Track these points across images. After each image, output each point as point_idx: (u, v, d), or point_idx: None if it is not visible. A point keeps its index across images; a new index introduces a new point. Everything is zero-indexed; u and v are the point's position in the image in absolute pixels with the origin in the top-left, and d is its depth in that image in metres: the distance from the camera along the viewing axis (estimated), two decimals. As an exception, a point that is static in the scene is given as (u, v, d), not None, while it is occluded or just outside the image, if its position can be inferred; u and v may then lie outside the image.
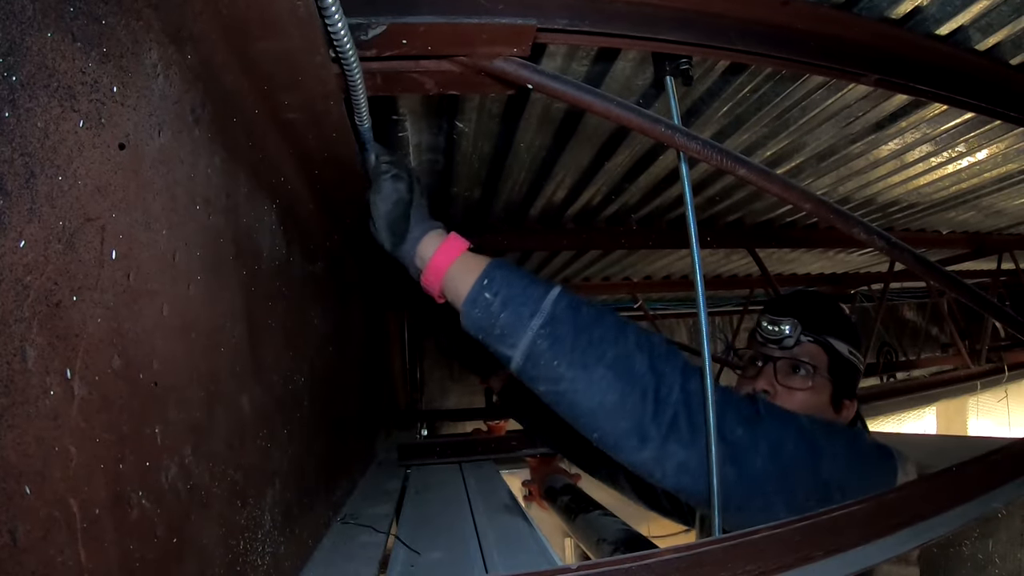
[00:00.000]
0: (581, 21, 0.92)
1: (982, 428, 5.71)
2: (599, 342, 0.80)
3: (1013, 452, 0.98)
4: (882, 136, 1.91)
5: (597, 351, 0.79)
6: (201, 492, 0.60)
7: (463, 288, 0.82)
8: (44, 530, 0.37)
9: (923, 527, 0.80)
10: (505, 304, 0.80)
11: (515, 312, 0.79)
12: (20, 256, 0.36)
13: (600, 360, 0.79)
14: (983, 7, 1.20)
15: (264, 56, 0.71)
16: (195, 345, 0.61)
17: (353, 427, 1.64)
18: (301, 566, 0.96)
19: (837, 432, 0.92)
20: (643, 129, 0.92)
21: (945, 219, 3.17)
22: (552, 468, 2.34)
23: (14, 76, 0.37)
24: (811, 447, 0.85)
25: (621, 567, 0.66)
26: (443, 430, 4.61)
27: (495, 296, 0.80)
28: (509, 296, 0.80)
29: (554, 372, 0.78)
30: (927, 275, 1.04)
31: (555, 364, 0.78)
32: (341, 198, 1.26)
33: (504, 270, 0.83)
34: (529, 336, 0.78)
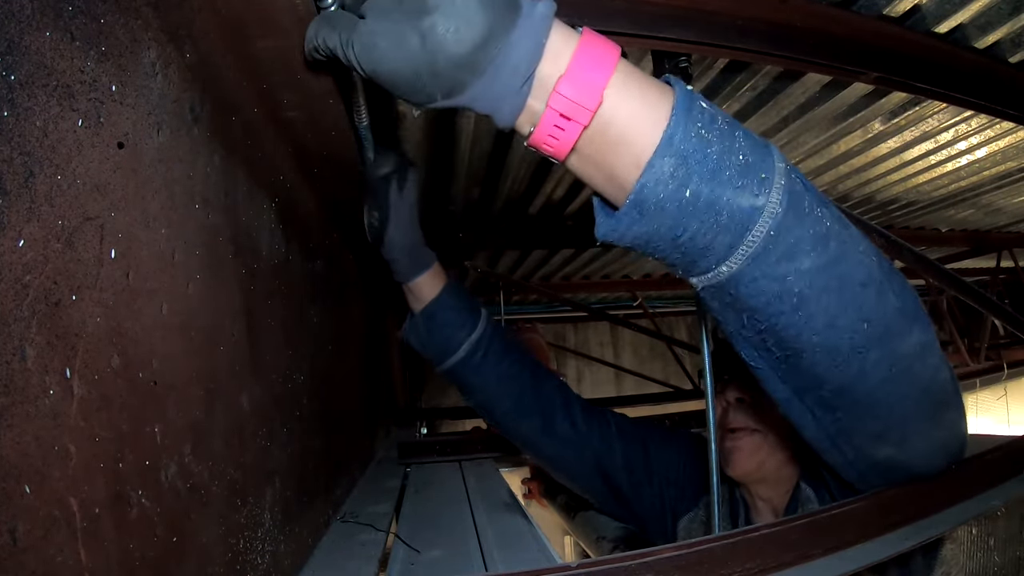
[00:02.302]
0: (580, 19, 0.92)
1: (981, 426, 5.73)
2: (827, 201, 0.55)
3: (1012, 450, 0.98)
4: (881, 134, 1.92)
5: (830, 202, 0.55)
6: (201, 491, 0.60)
7: (659, 104, 0.46)
8: (44, 529, 0.37)
9: (923, 525, 0.80)
10: (733, 123, 0.48)
11: (751, 135, 0.49)
12: (19, 255, 0.36)
13: (844, 213, 0.56)
14: (981, 5, 1.20)
15: (263, 55, 0.71)
16: (194, 344, 0.61)
17: (353, 425, 1.64)
18: (301, 564, 0.96)
19: None
20: (642, 127, 0.92)
21: (944, 217, 3.18)
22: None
23: (13, 75, 0.36)
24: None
25: (621, 565, 0.67)
26: (443, 428, 4.61)
27: (719, 116, 0.47)
28: (730, 119, 0.49)
29: (820, 225, 0.51)
30: (926, 273, 1.05)
31: (819, 213, 0.51)
32: (340, 196, 1.26)
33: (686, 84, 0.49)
34: (782, 168, 0.48)
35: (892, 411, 0.66)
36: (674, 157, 0.44)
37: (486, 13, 0.41)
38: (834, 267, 0.51)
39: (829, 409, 0.65)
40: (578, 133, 0.46)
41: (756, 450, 1.00)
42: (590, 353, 5.11)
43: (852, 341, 0.55)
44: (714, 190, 0.44)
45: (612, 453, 1.19)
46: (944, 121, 1.86)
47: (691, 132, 0.44)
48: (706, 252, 0.48)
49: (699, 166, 0.44)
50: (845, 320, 0.53)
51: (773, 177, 0.47)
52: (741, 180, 0.45)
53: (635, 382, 4.96)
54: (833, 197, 2.50)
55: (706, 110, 0.46)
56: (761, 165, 0.47)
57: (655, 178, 0.44)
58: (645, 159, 0.44)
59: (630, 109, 0.45)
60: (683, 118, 0.44)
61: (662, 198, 0.44)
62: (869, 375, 0.59)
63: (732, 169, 0.45)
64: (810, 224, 0.49)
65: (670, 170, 0.44)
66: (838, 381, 0.60)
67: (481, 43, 0.42)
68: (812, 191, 0.52)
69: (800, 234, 0.48)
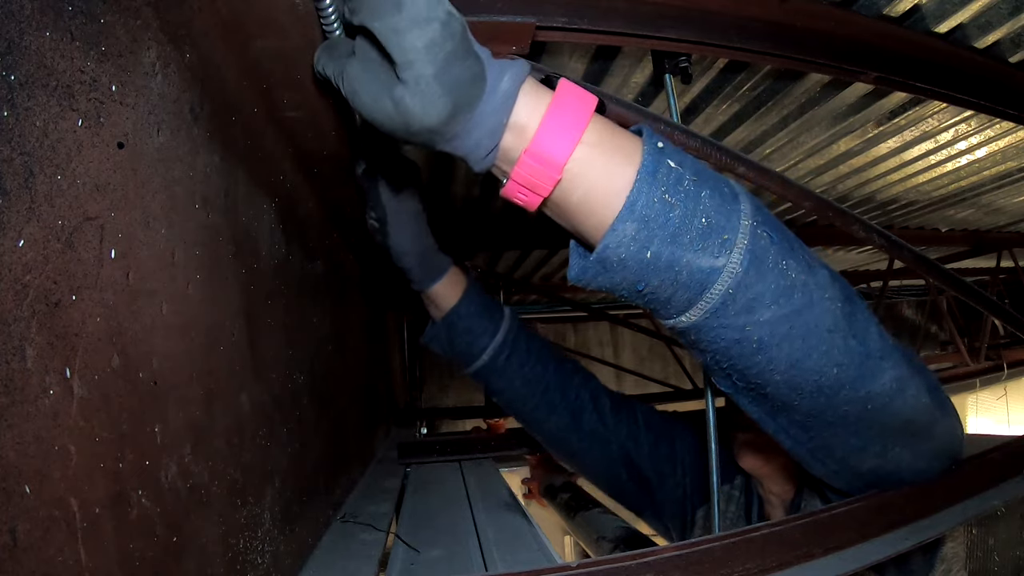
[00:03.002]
0: (580, 19, 0.92)
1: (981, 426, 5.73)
2: (792, 237, 0.56)
3: (1012, 450, 0.98)
4: (881, 134, 1.92)
5: (801, 247, 0.56)
6: (201, 491, 0.60)
7: (622, 170, 0.47)
8: (44, 529, 0.37)
9: (922, 525, 0.80)
10: (700, 182, 0.48)
11: (718, 193, 0.49)
12: (19, 255, 0.36)
13: (813, 258, 0.56)
14: (982, 5, 1.20)
15: (263, 54, 0.71)
16: (194, 344, 0.61)
17: (353, 425, 1.64)
18: (301, 564, 0.96)
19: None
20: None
21: (944, 217, 3.17)
22: (552, 466, 2.34)
23: (12, 75, 0.36)
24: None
25: (621, 565, 0.67)
26: (443, 428, 4.62)
27: (686, 174, 0.48)
28: (699, 173, 0.49)
29: (784, 278, 0.51)
30: (926, 273, 1.05)
31: (783, 265, 0.51)
32: (340, 196, 1.26)
33: (661, 138, 0.50)
34: (747, 226, 0.48)
35: (872, 436, 0.66)
36: (636, 222, 0.45)
37: (447, 96, 0.44)
38: (797, 316, 0.52)
39: (803, 428, 0.65)
40: (541, 199, 0.49)
41: (763, 445, 1.00)
42: (590, 353, 5.12)
43: (819, 382, 0.56)
44: (674, 252, 0.46)
45: (639, 445, 1.19)
46: (944, 121, 1.86)
47: (654, 197, 0.46)
48: (667, 304, 0.50)
49: (660, 229, 0.46)
50: (811, 363, 0.54)
51: (735, 238, 0.48)
52: (702, 243, 0.47)
53: (635, 382, 4.96)
54: (833, 197, 2.50)
55: (672, 171, 0.47)
56: (725, 226, 0.48)
57: (616, 240, 0.46)
58: (607, 224, 0.46)
59: (593, 179, 0.47)
60: (647, 183, 0.46)
61: (623, 257, 0.47)
62: (842, 411, 0.60)
63: (693, 232, 0.46)
64: (772, 279, 0.50)
65: (632, 233, 0.46)
66: (807, 410, 0.60)
67: (446, 119, 0.45)
68: (779, 242, 0.52)
69: (761, 289, 0.50)
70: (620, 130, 0.50)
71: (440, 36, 0.42)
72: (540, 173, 0.47)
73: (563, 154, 0.46)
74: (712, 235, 0.47)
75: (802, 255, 0.55)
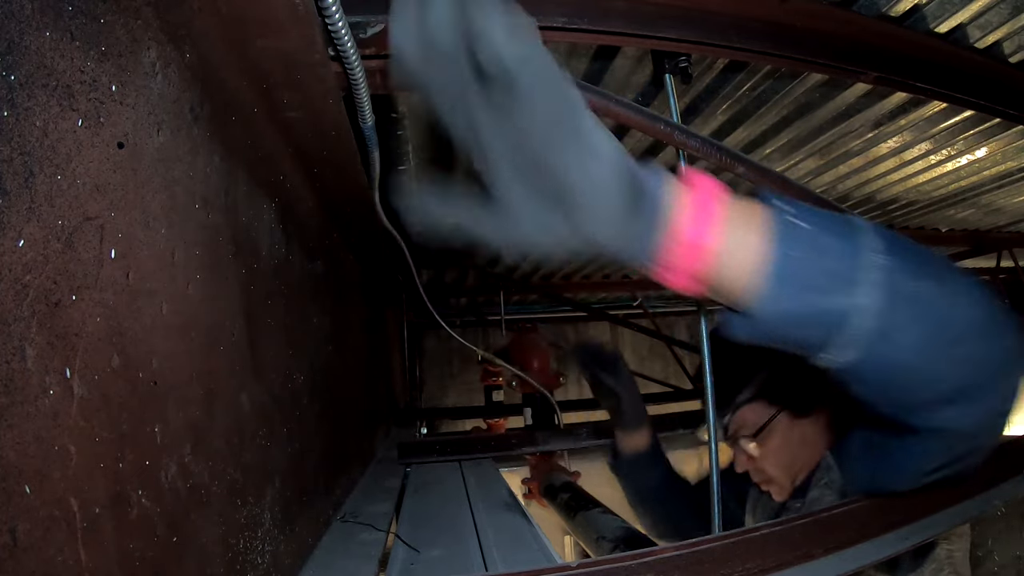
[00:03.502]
0: (580, 19, 0.92)
1: (981, 425, 5.71)
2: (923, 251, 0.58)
3: (1012, 450, 0.98)
4: (881, 134, 1.91)
5: (932, 259, 0.58)
6: (201, 491, 0.60)
7: (757, 238, 0.51)
8: (44, 529, 0.37)
9: (923, 524, 0.80)
10: (824, 230, 0.53)
11: (842, 237, 0.53)
12: (19, 255, 0.36)
13: (946, 267, 0.58)
14: (982, 5, 1.20)
15: (263, 54, 0.71)
16: (194, 344, 0.61)
17: (353, 425, 1.64)
18: (301, 564, 0.96)
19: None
20: (642, 127, 0.92)
21: (944, 217, 3.17)
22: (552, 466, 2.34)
23: (13, 75, 0.37)
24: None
25: (621, 565, 0.67)
26: (442, 428, 4.61)
27: (812, 228, 0.52)
28: (821, 221, 0.53)
29: (922, 296, 0.54)
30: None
31: (915, 291, 0.54)
32: (340, 196, 1.26)
33: (775, 196, 0.54)
34: (875, 260, 0.52)
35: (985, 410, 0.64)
36: (772, 287, 0.50)
37: (619, 231, 0.48)
38: (938, 333, 0.54)
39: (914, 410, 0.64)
40: (689, 279, 0.53)
41: (766, 455, 1.02)
42: (590, 353, 5.11)
43: (961, 383, 0.58)
44: (811, 302, 0.51)
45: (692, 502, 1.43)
46: (944, 121, 1.86)
47: (787, 266, 0.50)
48: (809, 346, 0.54)
49: (800, 284, 0.51)
50: (953, 371, 0.56)
51: (867, 276, 0.51)
52: (835, 287, 0.51)
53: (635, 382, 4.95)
54: (833, 197, 2.50)
55: (799, 227, 0.51)
56: (854, 268, 0.51)
57: (764, 302, 0.51)
58: (754, 290, 0.51)
59: (735, 253, 0.51)
60: (781, 246, 0.50)
61: (773, 314, 0.51)
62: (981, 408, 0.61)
63: (826, 279, 0.51)
64: (906, 305, 0.53)
65: (776, 293, 0.51)
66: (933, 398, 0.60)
67: (609, 242, 0.49)
68: (909, 268, 0.54)
69: (896, 318, 0.52)
70: (741, 201, 0.53)
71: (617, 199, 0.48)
72: (689, 258, 0.50)
73: (708, 240, 0.50)
74: (843, 278, 0.51)
75: (933, 269, 0.57)
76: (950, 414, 0.60)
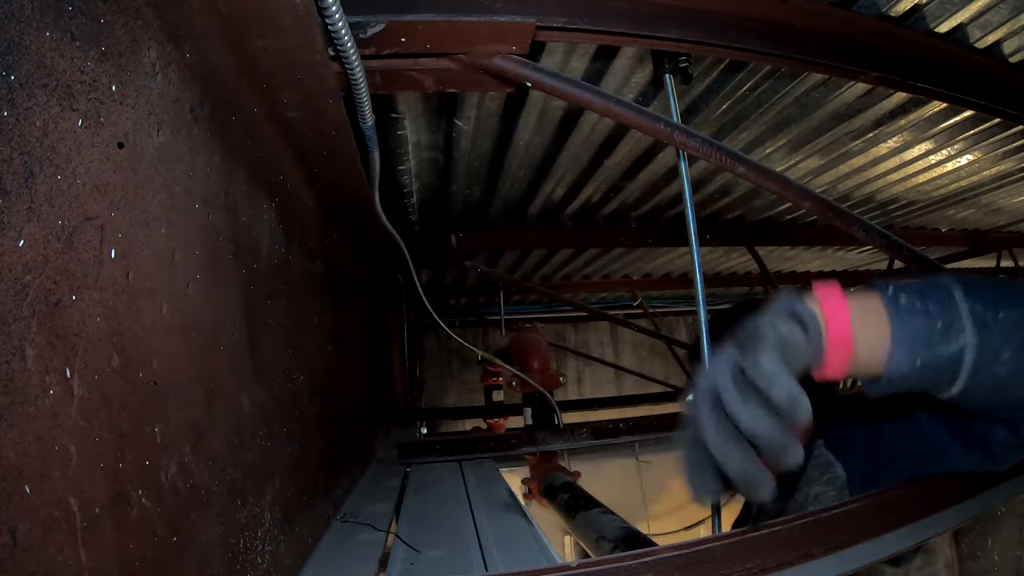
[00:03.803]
0: (580, 19, 0.92)
1: (981, 425, 5.72)
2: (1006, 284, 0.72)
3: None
4: (881, 134, 1.91)
5: (1010, 289, 0.70)
6: (201, 491, 0.60)
7: (878, 322, 0.66)
8: (44, 529, 0.37)
9: (923, 524, 0.80)
10: (924, 297, 0.66)
11: (937, 298, 0.66)
12: (19, 255, 0.36)
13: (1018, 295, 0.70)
14: (982, 5, 1.20)
15: (263, 54, 0.71)
16: (194, 344, 0.61)
17: (353, 425, 1.64)
18: (301, 564, 0.96)
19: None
20: (642, 127, 0.92)
21: (944, 217, 3.18)
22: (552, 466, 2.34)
23: (13, 75, 0.36)
24: None
25: (621, 564, 0.67)
26: (442, 428, 4.62)
27: (914, 300, 0.66)
28: (920, 291, 0.67)
29: (1007, 325, 0.66)
30: (926, 273, 1.05)
31: (1002, 316, 0.66)
32: (340, 196, 1.26)
33: (888, 284, 0.70)
34: (966, 308, 0.65)
35: None
36: (901, 351, 0.65)
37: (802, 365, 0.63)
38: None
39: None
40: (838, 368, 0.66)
41: None
42: (590, 353, 5.11)
43: None
44: (930, 354, 0.65)
45: None
46: (944, 121, 1.86)
47: (905, 328, 0.65)
48: (936, 388, 0.68)
49: (916, 346, 0.65)
50: None
51: (964, 321, 0.64)
52: (944, 338, 0.65)
53: (635, 382, 4.96)
54: (833, 197, 2.50)
55: (904, 303, 0.66)
56: (954, 318, 0.65)
57: (894, 368, 0.65)
58: (884, 362, 0.65)
59: (866, 340, 0.65)
60: (897, 323, 0.65)
61: (903, 375, 0.65)
62: None
63: (936, 335, 0.65)
64: (998, 329, 0.65)
65: (901, 359, 0.65)
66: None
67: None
68: (989, 299, 0.66)
69: (990, 347, 0.64)
70: (857, 294, 0.68)
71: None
72: (839, 354, 0.65)
73: (848, 337, 0.65)
74: (949, 330, 0.64)
75: (1009, 288, 0.69)
76: None
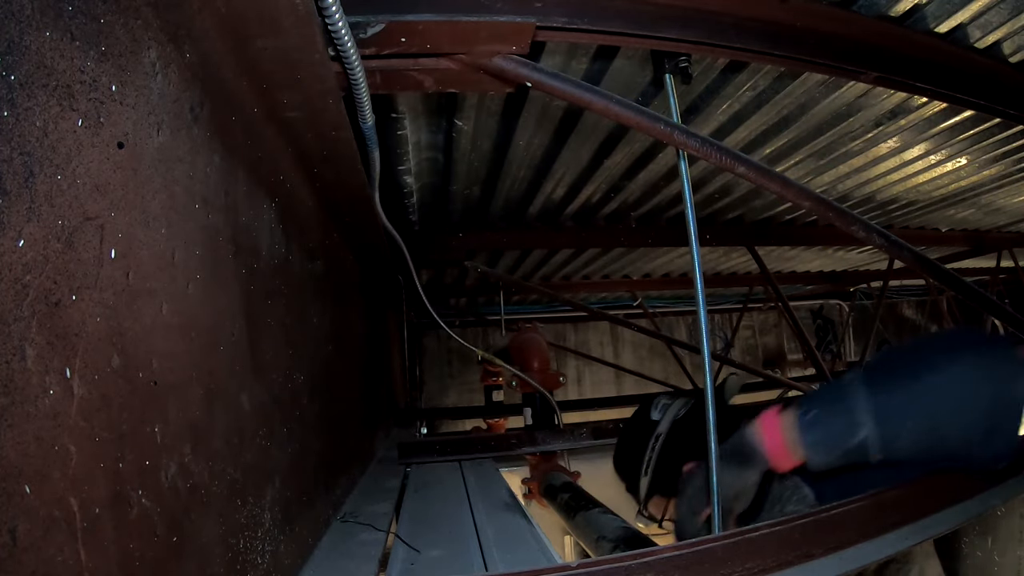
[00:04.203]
0: (580, 19, 0.92)
1: (981, 425, 5.71)
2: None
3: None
4: (881, 134, 1.91)
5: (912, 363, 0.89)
6: (201, 491, 0.60)
7: (794, 433, 0.87)
8: (44, 529, 0.37)
9: (923, 524, 0.80)
10: (828, 407, 0.87)
11: (840, 406, 0.85)
12: (19, 255, 0.36)
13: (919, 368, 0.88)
14: (982, 5, 1.20)
15: (263, 54, 0.71)
16: (194, 344, 0.61)
17: (353, 425, 1.64)
18: (301, 564, 0.96)
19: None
20: (642, 127, 0.92)
21: (944, 217, 3.18)
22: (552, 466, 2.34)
23: (13, 75, 0.36)
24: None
25: (621, 564, 0.67)
26: (442, 428, 4.62)
27: (818, 413, 0.86)
28: (826, 402, 0.89)
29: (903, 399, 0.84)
30: (926, 273, 1.05)
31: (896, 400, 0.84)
32: (340, 196, 1.26)
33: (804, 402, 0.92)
34: (866, 409, 0.83)
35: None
36: (812, 456, 0.83)
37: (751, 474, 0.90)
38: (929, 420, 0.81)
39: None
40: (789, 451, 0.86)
41: None
42: (590, 353, 5.11)
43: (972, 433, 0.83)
44: (836, 451, 0.82)
45: None
46: (944, 121, 1.86)
47: (813, 442, 0.83)
48: (861, 461, 0.82)
49: (820, 449, 0.83)
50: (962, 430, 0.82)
51: (863, 416, 0.81)
52: (846, 435, 0.82)
53: (635, 382, 4.96)
54: (833, 197, 2.50)
55: (815, 421, 0.84)
56: (854, 417, 0.81)
57: (810, 466, 0.84)
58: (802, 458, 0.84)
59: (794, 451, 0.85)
60: (807, 438, 0.83)
61: (820, 467, 0.83)
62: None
63: (837, 436, 0.82)
64: (897, 414, 0.82)
65: (814, 458, 0.83)
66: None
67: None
68: (890, 388, 0.84)
69: (893, 425, 0.81)
70: (787, 414, 0.87)
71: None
72: (780, 460, 0.86)
73: (782, 450, 0.85)
74: (850, 426, 0.81)
75: (916, 369, 0.85)
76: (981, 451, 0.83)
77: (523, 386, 2.37)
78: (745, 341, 5.90)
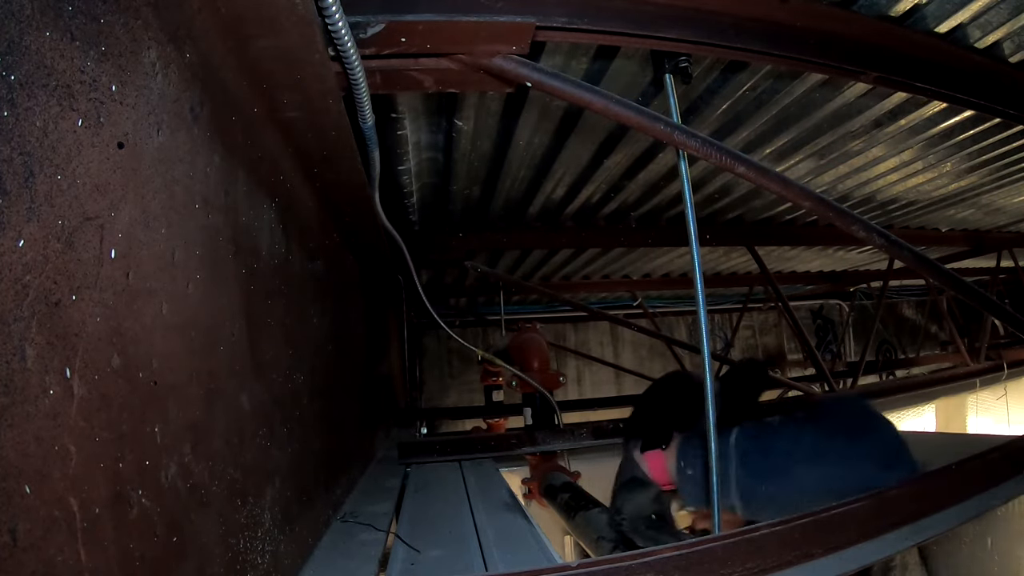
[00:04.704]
0: (580, 19, 0.92)
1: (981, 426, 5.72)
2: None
3: (1012, 450, 0.98)
4: (881, 134, 1.91)
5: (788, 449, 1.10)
6: (201, 491, 0.60)
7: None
8: (44, 529, 0.37)
9: (923, 524, 0.80)
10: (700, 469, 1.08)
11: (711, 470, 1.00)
12: (19, 255, 0.36)
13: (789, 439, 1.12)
14: (982, 5, 1.20)
15: (263, 54, 0.71)
16: (194, 344, 0.61)
17: (353, 425, 1.64)
18: (301, 564, 0.96)
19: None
20: (642, 127, 0.92)
21: (944, 217, 3.18)
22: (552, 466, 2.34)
23: (13, 75, 0.37)
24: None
25: (621, 564, 0.67)
26: (443, 428, 4.61)
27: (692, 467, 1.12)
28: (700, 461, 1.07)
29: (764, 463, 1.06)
30: (926, 273, 1.05)
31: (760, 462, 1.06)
32: (340, 196, 1.26)
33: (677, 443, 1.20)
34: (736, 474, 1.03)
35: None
36: (686, 498, 1.17)
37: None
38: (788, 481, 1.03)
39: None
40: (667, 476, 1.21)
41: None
42: (590, 353, 5.11)
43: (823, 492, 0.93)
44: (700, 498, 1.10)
45: None
46: (944, 120, 1.86)
47: (684, 492, 1.13)
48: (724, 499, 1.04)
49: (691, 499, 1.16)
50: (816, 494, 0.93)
51: (733, 488, 1.03)
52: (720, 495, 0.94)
53: (635, 382, 4.96)
54: (833, 197, 2.50)
55: (686, 462, 1.13)
56: (728, 487, 1.02)
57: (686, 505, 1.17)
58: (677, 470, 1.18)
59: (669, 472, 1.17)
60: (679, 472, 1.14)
61: (694, 505, 1.18)
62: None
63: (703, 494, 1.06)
64: (762, 490, 1.05)
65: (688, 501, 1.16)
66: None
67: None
68: (759, 469, 1.07)
69: (758, 501, 1.02)
70: (670, 453, 1.18)
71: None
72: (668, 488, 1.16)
73: (665, 482, 1.15)
74: (723, 489, 0.95)
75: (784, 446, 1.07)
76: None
77: (523, 386, 2.37)
78: (745, 341, 5.89)
